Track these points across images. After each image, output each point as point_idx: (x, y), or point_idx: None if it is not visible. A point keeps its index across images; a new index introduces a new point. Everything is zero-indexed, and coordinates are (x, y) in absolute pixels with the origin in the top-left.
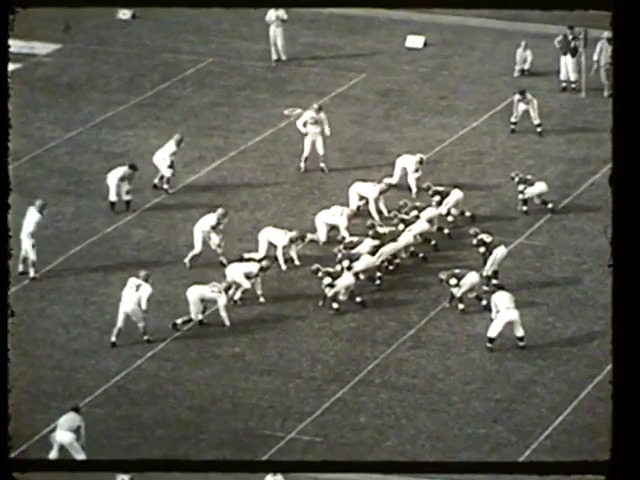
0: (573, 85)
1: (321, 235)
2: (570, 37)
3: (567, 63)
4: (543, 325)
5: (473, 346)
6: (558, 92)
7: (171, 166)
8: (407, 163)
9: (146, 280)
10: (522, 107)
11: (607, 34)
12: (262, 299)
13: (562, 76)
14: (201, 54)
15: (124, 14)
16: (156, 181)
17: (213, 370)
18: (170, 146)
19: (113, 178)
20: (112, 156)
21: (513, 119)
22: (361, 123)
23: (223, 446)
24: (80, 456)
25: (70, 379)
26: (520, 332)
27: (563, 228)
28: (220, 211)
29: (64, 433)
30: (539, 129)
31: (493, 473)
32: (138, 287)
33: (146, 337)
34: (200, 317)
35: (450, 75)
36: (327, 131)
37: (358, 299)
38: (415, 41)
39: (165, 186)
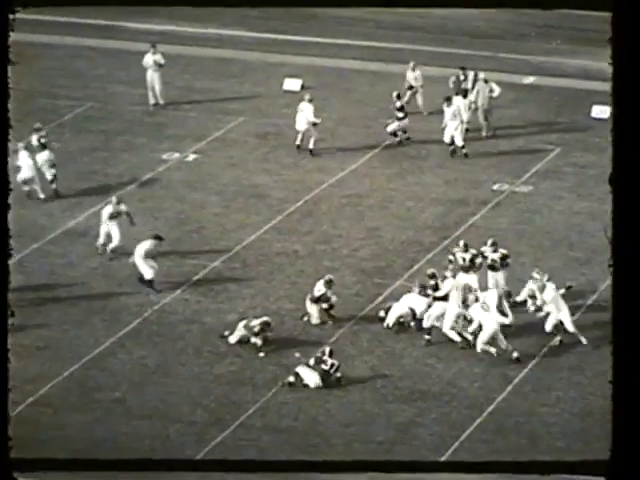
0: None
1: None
2: (462, 78)
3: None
4: (423, 367)
5: (353, 388)
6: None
7: None
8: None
9: None
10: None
11: (483, 75)
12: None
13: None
14: (78, 99)
15: None
16: None
17: (94, 415)
18: None
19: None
20: None
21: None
22: (239, 166)
23: None
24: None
25: None
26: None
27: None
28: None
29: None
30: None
31: (493, 473)
32: None
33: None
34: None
35: (328, 117)
36: (312, 118)
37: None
38: (292, 84)
39: None
